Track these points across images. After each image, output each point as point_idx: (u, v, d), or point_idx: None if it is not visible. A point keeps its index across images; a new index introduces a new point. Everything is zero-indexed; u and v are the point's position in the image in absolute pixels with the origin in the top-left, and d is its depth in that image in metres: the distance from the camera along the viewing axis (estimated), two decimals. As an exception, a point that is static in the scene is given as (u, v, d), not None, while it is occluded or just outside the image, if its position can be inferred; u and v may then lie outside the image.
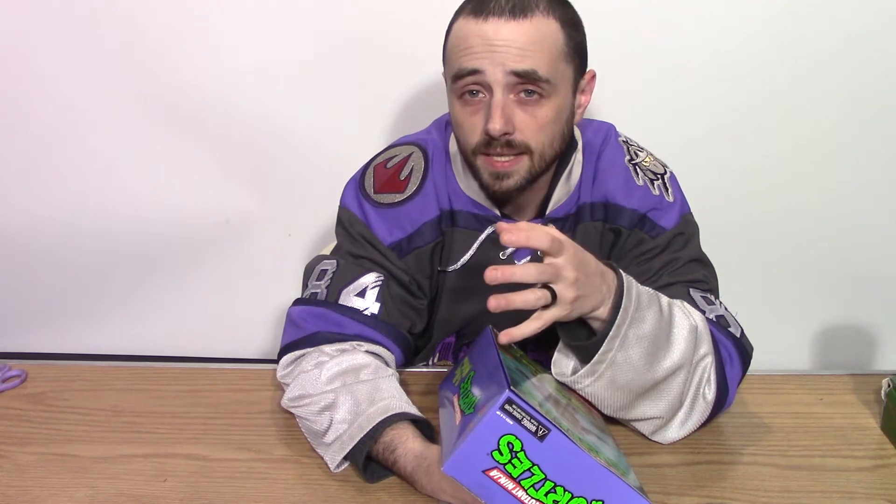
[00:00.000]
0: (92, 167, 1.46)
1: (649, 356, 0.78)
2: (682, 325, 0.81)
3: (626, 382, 0.79)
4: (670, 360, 0.80)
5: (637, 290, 0.78)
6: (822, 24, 1.29)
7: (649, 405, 0.82)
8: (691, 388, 0.83)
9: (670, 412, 0.83)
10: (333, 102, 1.40)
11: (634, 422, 0.85)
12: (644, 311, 0.78)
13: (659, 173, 0.98)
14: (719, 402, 0.85)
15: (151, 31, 1.34)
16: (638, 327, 0.77)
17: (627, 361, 0.78)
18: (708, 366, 0.83)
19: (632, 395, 0.81)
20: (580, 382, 0.80)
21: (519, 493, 0.66)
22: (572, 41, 0.85)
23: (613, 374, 0.78)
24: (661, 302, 0.81)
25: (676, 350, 0.80)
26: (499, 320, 1.00)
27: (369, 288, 0.92)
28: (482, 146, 0.86)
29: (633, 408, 0.83)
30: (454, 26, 0.86)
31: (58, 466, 0.83)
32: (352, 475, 0.81)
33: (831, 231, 1.45)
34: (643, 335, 0.77)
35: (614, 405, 0.82)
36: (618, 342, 0.76)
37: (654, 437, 0.85)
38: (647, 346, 0.78)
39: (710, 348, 0.84)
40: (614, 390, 0.80)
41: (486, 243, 0.97)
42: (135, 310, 1.60)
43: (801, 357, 1.56)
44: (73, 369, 1.02)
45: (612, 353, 0.77)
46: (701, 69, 1.33)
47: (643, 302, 0.78)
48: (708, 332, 0.85)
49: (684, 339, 0.81)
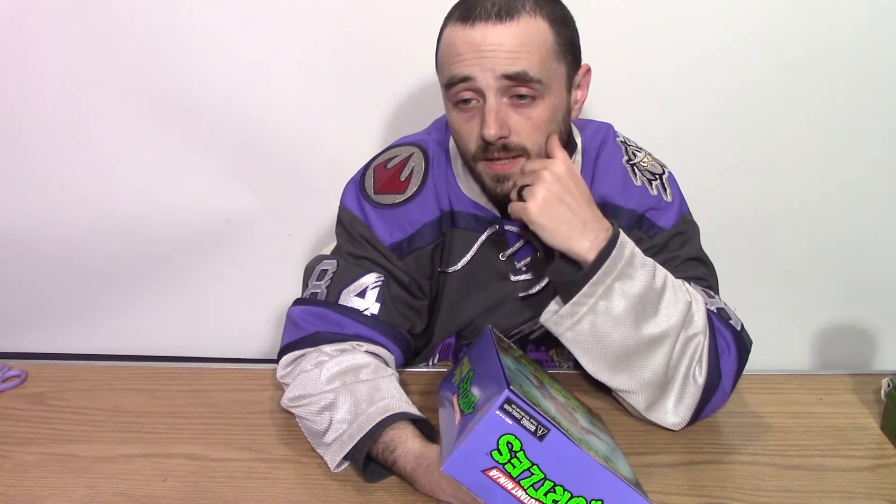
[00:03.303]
0: (92, 167, 1.46)
1: (634, 315, 0.81)
2: (675, 297, 0.83)
3: (605, 333, 0.81)
4: (657, 325, 0.82)
5: (632, 250, 0.82)
6: (822, 23, 1.28)
7: (633, 372, 0.84)
8: (681, 365, 0.84)
9: (657, 385, 0.84)
10: (334, 103, 1.40)
11: (623, 394, 0.87)
12: (636, 269, 0.81)
13: (657, 173, 0.98)
14: (710, 388, 0.85)
15: (152, 31, 1.34)
16: (625, 283, 0.80)
17: (609, 312, 0.80)
18: (700, 346, 0.84)
19: (612, 352, 0.82)
20: (562, 324, 0.82)
21: (518, 493, 0.66)
22: (562, 38, 0.85)
23: (594, 322, 0.81)
24: (656, 271, 0.83)
25: (664, 318, 0.82)
26: (497, 322, 1.00)
27: (369, 288, 0.92)
28: (480, 152, 0.87)
29: (615, 371, 0.84)
30: (443, 34, 0.86)
31: (58, 466, 0.83)
32: (352, 475, 0.81)
33: (831, 231, 1.45)
34: (629, 293, 0.80)
35: (595, 360, 0.84)
36: (601, 289, 0.80)
37: (649, 415, 0.86)
38: (634, 304, 0.80)
39: (703, 329, 0.85)
40: (594, 340, 0.82)
41: (487, 244, 0.97)
42: (135, 310, 1.60)
43: (801, 357, 1.56)
44: (73, 369, 1.03)
45: (594, 300, 0.80)
46: (700, 69, 1.33)
47: (636, 262, 0.81)
48: (705, 315, 0.86)
49: (676, 310, 0.83)
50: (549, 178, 0.81)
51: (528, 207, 0.81)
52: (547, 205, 0.80)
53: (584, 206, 0.82)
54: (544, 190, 0.81)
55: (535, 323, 1.02)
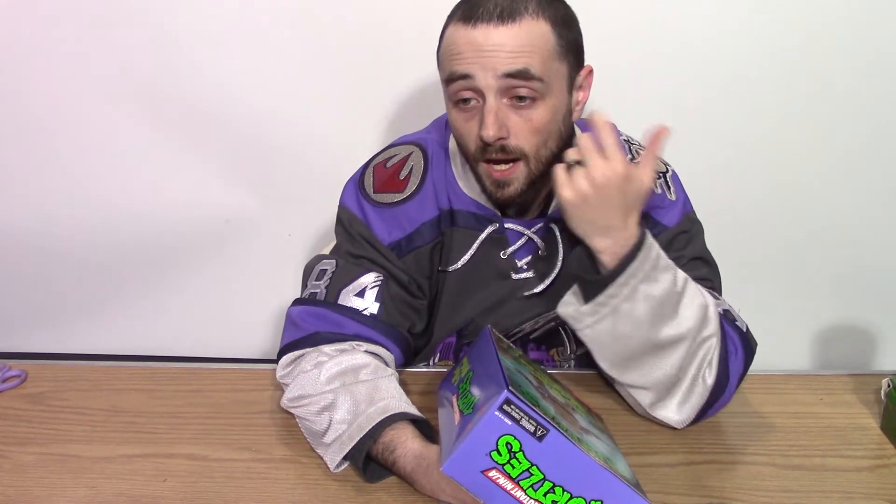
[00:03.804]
0: (92, 167, 1.46)
1: (654, 317, 0.81)
2: (693, 299, 0.83)
3: (625, 334, 0.81)
4: (675, 328, 0.82)
5: (657, 252, 0.82)
6: (823, 24, 1.28)
7: (646, 371, 0.84)
8: (692, 366, 0.84)
9: (667, 384, 0.84)
10: (334, 102, 1.40)
11: (631, 388, 0.87)
12: (660, 273, 0.81)
13: (661, 172, 0.98)
14: (718, 390, 0.85)
15: (152, 31, 1.34)
16: (649, 285, 0.80)
17: (631, 315, 0.80)
18: (712, 348, 0.85)
19: (629, 352, 0.83)
20: (582, 321, 0.83)
21: (518, 494, 0.66)
22: (564, 40, 0.84)
23: (615, 323, 0.81)
24: (677, 274, 0.83)
25: (683, 321, 0.82)
26: (498, 321, 1.00)
27: (368, 288, 0.92)
28: (480, 152, 0.87)
29: (628, 368, 0.84)
30: (446, 32, 0.86)
31: (58, 466, 0.83)
32: (352, 475, 0.81)
33: (832, 231, 1.45)
34: (652, 295, 0.80)
35: (610, 358, 0.85)
36: (626, 290, 0.79)
37: (653, 411, 0.86)
38: (654, 307, 0.80)
39: (716, 331, 0.85)
40: (612, 340, 0.82)
41: (487, 243, 0.97)
42: (135, 310, 1.60)
43: (801, 357, 1.56)
44: (73, 369, 1.03)
45: (618, 301, 0.80)
46: (701, 69, 1.33)
47: (661, 264, 0.81)
48: (717, 316, 0.86)
49: (693, 313, 0.83)
50: (600, 179, 0.78)
51: (563, 193, 0.80)
52: (582, 199, 0.79)
53: (616, 214, 0.79)
54: (587, 185, 0.78)
55: (536, 322, 1.02)
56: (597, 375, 0.97)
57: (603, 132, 0.79)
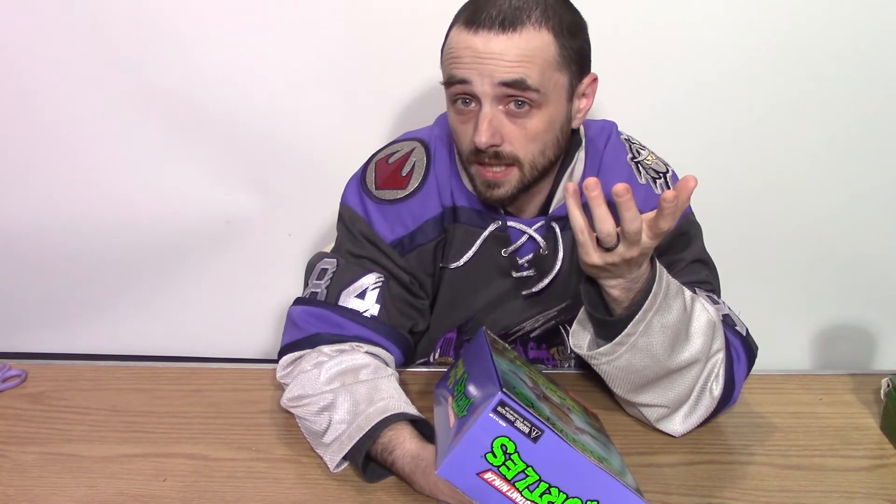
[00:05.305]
0: (91, 167, 1.46)
1: (669, 346, 0.80)
2: (701, 319, 0.83)
3: (641, 367, 0.81)
4: (688, 352, 0.82)
5: (667, 280, 0.80)
6: (824, 27, 1.28)
7: (659, 393, 0.84)
8: (700, 380, 0.84)
9: (678, 402, 0.85)
10: (334, 102, 1.40)
11: (641, 407, 0.87)
12: (671, 300, 0.79)
13: (661, 172, 0.98)
14: (725, 399, 0.86)
15: (151, 31, 1.34)
16: (663, 316, 0.79)
17: (648, 349, 0.79)
18: (719, 361, 0.85)
19: (644, 380, 0.83)
20: (597, 359, 0.82)
21: (514, 495, 0.66)
22: (567, 49, 0.83)
23: (631, 358, 0.80)
24: (685, 294, 0.82)
25: (695, 343, 0.82)
26: (498, 318, 1.00)
27: (369, 289, 0.92)
28: (473, 155, 0.86)
29: (642, 393, 0.84)
30: (450, 33, 0.86)
31: (58, 466, 0.83)
32: (351, 475, 0.81)
33: (831, 231, 1.44)
34: (667, 325, 0.79)
35: (625, 388, 0.84)
36: (642, 327, 0.78)
37: (659, 425, 0.87)
38: (669, 336, 0.80)
39: (723, 344, 0.85)
40: (629, 373, 0.82)
41: (489, 240, 0.97)
42: (135, 310, 1.60)
43: (801, 357, 1.56)
44: (73, 369, 1.03)
45: (636, 338, 0.79)
46: (702, 70, 1.33)
47: (671, 292, 0.80)
48: (721, 328, 0.86)
49: (703, 333, 0.82)
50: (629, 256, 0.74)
51: (588, 259, 0.75)
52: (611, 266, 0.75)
53: (631, 274, 0.77)
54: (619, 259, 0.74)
55: (536, 320, 1.02)
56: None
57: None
